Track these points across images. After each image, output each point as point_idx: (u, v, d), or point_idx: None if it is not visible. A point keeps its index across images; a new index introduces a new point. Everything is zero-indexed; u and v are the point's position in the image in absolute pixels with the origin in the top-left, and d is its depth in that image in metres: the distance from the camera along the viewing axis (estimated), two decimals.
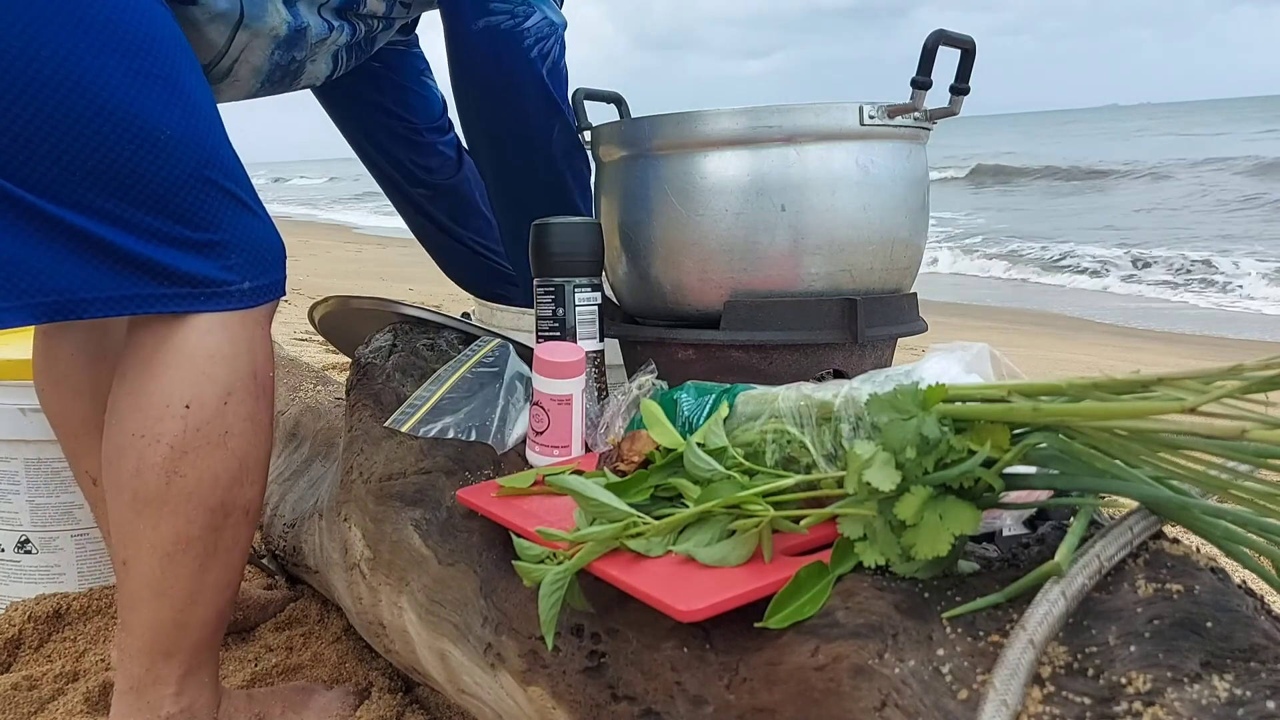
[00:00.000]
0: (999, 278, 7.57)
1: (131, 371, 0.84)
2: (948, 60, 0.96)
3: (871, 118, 0.97)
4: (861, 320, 0.98)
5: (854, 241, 0.99)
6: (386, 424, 0.95)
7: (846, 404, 0.66)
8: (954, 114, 1.00)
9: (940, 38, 0.92)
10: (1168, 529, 0.55)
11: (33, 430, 1.23)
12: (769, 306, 0.99)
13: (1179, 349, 4.44)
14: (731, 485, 0.64)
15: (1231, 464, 0.49)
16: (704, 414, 0.79)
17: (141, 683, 0.86)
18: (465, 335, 1.10)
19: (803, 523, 0.61)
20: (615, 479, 0.70)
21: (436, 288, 5.60)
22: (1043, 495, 0.60)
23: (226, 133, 0.86)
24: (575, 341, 1.00)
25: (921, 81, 0.94)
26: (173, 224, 0.80)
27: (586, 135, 1.16)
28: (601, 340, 1.04)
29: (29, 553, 1.28)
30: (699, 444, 0.69)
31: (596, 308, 1.02)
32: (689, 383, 0.85)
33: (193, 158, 0.81)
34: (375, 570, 0.89)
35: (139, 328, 0.84)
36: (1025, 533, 0.64)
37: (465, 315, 1.39)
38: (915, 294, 1.10)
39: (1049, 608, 0.49)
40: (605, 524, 0.64)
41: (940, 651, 0.50)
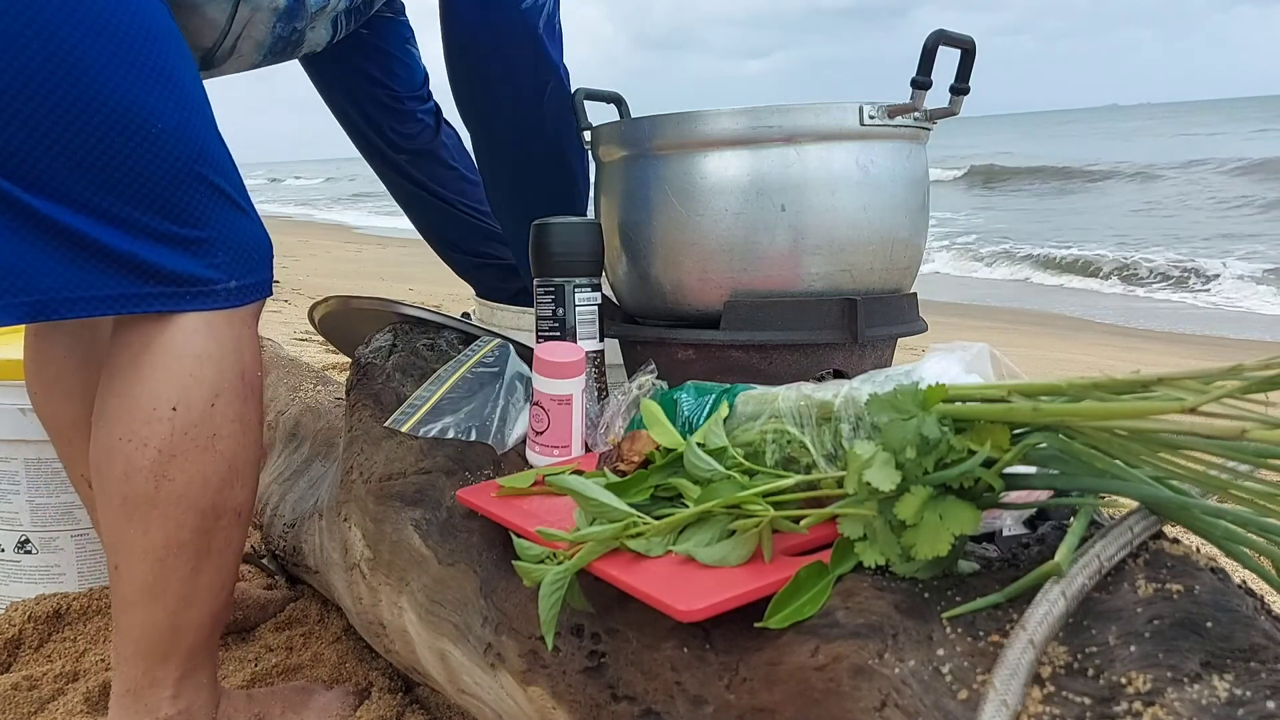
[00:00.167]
0: (994, 278, 7.56)
1: (117, 373, 0.83)
2: (948, 60, 0.96)
3: (871, 118, 0.97)
4: (861, 320, 0.98)
5: (854, 241, 0.99)
6: (386, 424, 0.95)
7: (846, 404, 0.66)
8: (954, 114, 1.00)
9: (940, 38, 0.92)
10: (1168, 529, 0.55)
11: (33, 430, 1.23)
12: (769, 306, 0.99)
13: (1179, 349, 4.44)
14: (731, 485, 0.64)
15: (1231, 464, 0.49)
16: (704, 414, 0.79)
17: (138, 685, 0.85)
18: (465, 335, 1.10)
19: (803, 523, 0.61)
20: (615, 479, 0.70)
21: (436, 288, 5.60)
22: (1043, 495, 0.60)
23: (218, 128, 0.85)
24: (575, 341, 1.00)
25: (921, 81, 0.94)
26: (160, 219, 0.79)
27: (586, 135, 1.16)
28: (601, 340, 1.04)
29: (29, 553, 1.28)
30: (699, 444, 0.69)
31: (596, 308, 1.02)
32: (689, 383, 0.85)
33: (184, 152, 0.80)
34: (375, 570, 0.89)
35: (124, 328, 0.83)
36: (1025, 533, 0.64)
37: (465, 315, 1.39)
38: (915, 294, 1.10)
39: (1049, 608, 0.49)
40: (605, 524, 0.64)
41: (940, 651, 0.50)
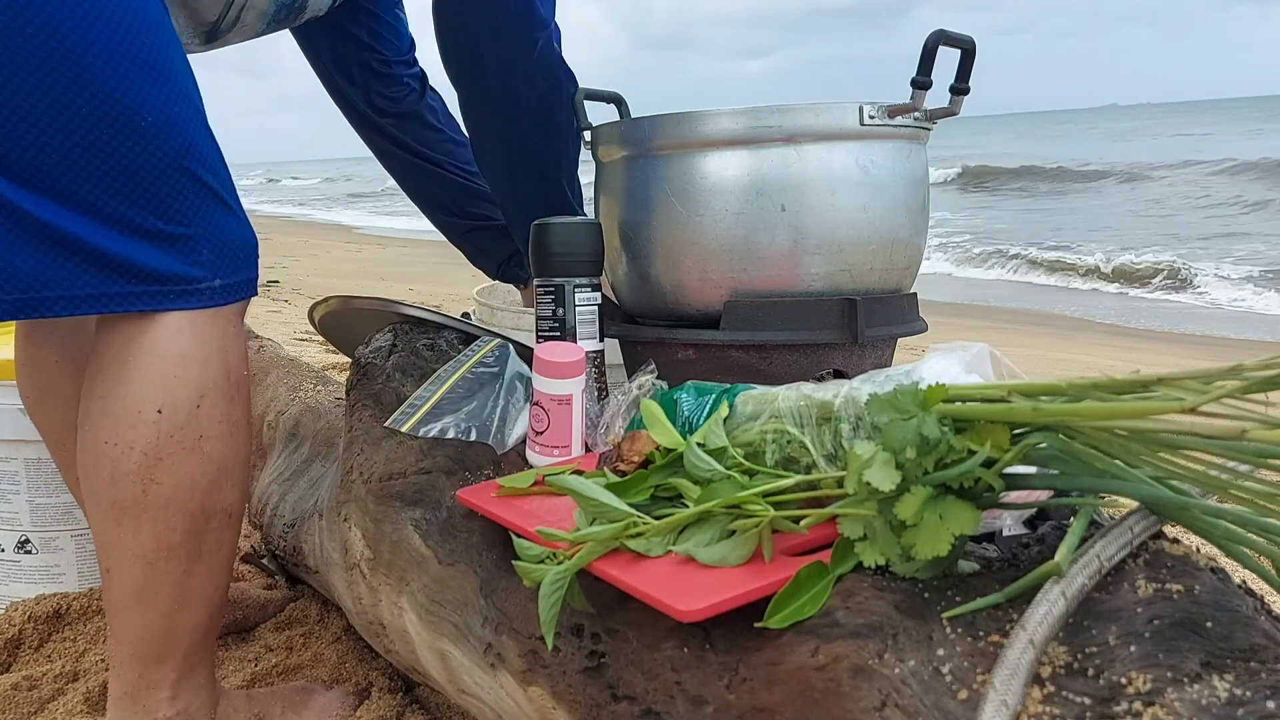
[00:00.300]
0: (989, 279, 7.56)
1: (101, 375, 0.81)
2: (948, 60, 0.96)
3: (871, 118, 0.98)
4: (861, 320, 0.98)
5: (854, 241, 0.99)
6: (386, 424, 0.95)
7: (846, 404, 0.66)
8: (954, 114, 1.00)
9: (940, 38, 0.92)
10: (1168, 529, 0.55)
11: (33, 430, 1.23)
12: (769, 306, 0.99)
13: (1179, 349, 4.44)
14: (731, 485, 0.64)
15: (1231, 464, 0.49)
16: (704, 414, 0.79)
17: (135, 687, 0.85)
18: (465, 335, 1.10)
19: (803, 523, 0.61)
20: (615, 479, 0.70)
21: (436, 288, 5.60)
22: (1043, 495, 0.60)
23: (209, 124, 0.84)
24: (575, 341, 1.00)
25: (921, 81, 0.94)
26: (145, 214, 0.77)
27: (586, 135, 1.16)
28: (601, 340, 1.04)
29: (29, 553, 1.28)
30: (699, 444, 0.69)
31: (596, 308, 1.02)
32: (689, 383, 0.85)
33: (172, 147, 0.78)
34: (375, 570, 0.89)
35: (107, 328, 0.82)
36: (1025, 533, 0.64)
37: (465, 315, 1.39)
38: (915, 294, 1.10)
39: (1049, 608, 0.49)
40: (605, 524, 0.63)
41: (940, 651, 0.50)
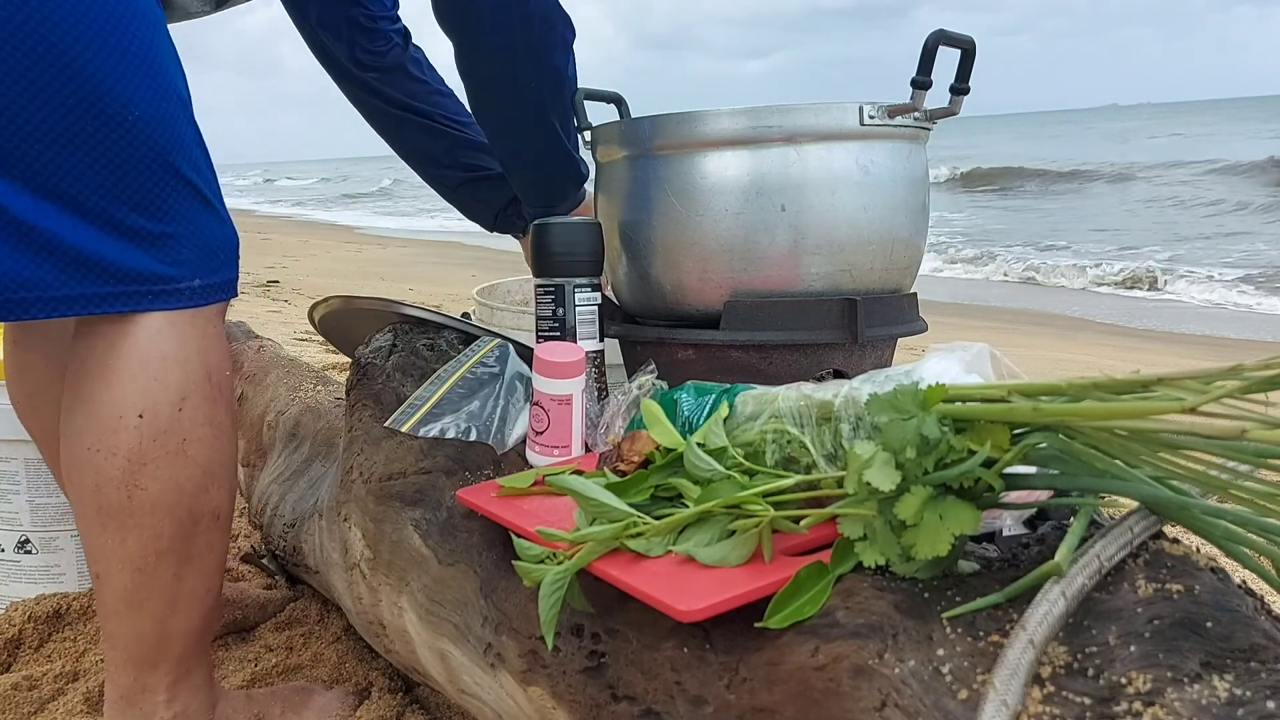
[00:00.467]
0: (984, 280, 7.56)
1: (81, 380, 0.80)
2: (948, 60, 0.96)
3: (871, 118, 0.97)
4: (861, 320, 0.98)
5: (854, 241, 0.99)
6: (386, 424, 0.95)
7: (846, 404, 0.66)
8: (954, 114, 1.00)
9: (940, 38, 0.92)
10: (1168, 529, 0.55)
11: None
12: (769, 306, 0.99)
13: (1179, 349, 4.44)
14: (731, 485, 0.64)
15: (1231, 464, 0.49)
16: (704, 414, 0.79)
17: (131, 691, 0.84)
18: (465, 335, 1.10)
19: (803, 523, 0.61)
20: (615, 479, 0.70)
21: (436, 288, 5.60)
22: (1043, 495, 0.60)
23: (196, 121, 0.83)
24: (575, 341, 1.00)
25: (921, 81, 0.94)
26: (126, 210, 0.76)
27: (586, 135, 1.16)
28: (601, 340, 1.04)
29: (29, 553, 1.28)
30: (699, 444, 0.69)
31: (596, 308, 1.02)
32: (689, 383, 0.85)
33: (158, 143, 0.77)
34: (375, 570, 0.89)
35: (85, 330, 0.80)
36: (1025, 533, 0.64)
37: (465, 315, 1.39)
38: (915, 294, 1.10)
39: (1049, 608, 0.49)
40: (605, 524, 0.63)
41: (940, 651, 0.50)
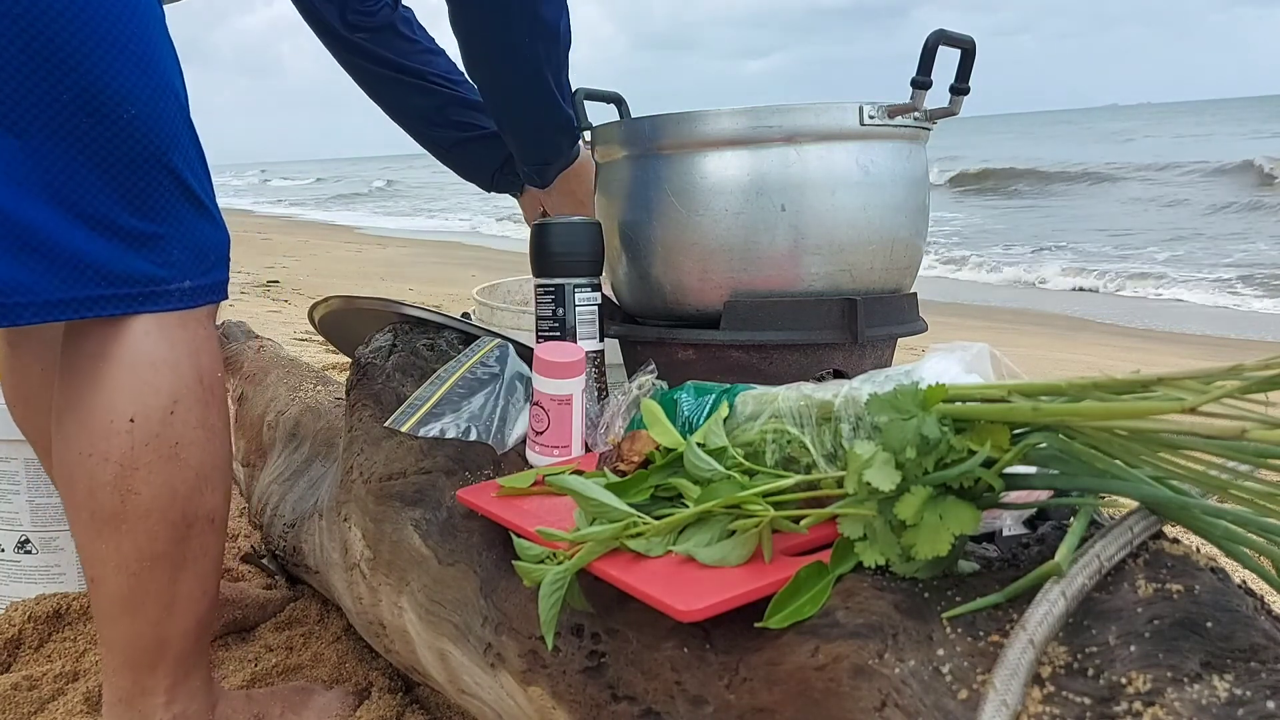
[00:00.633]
0: (981, 280, 7.57)
1: (71, 385, 0.79)
2: (948, 60, 0.96)
3: (871, 118, 0.97)
4: (861, 320, 0.98)
5: (854, 241, 0.99)
6: (386, 424, 0.95)
7: (846, 404, 0.66)
8: (954, 114, 1.00)
9: (940, 38, 0.92)
10: (1168, 529, 0.55)
11: None
12: (769, 306, 0.99)
13: (1179, 349, 4.44)
14: (731, 485, 0.64)
15: (1231, 464, 0.49)
16: (704, 414, 0.79)
17: (130, 694, 0.84)
18: (465, 335, 1.10)
19: (803, 523, 0.61)
20: (615, 479, 0.70)
21: (437, 288, 5.60)
22: (1043, 495, 0.60)
23: (193, 121, 0.82)
24: (575, 341, 1.00)
25: (921, 81, 0.94)
26: (118, 209, 0.75)
27: (586, 135, 1.16)
28: (601, 340, 1.04)
29: (29, 553, 1.28)
30: (699, 444, 0.69)
31: (596, 308, 1.02)
32: (689, 383, 0.85)
33: (153, 141, 0.76)
34: (375, 570, 0.89)
35: (75, 333, 0.80)
36: (1025, 533, 0.64)
37: (465, 315, 1.39)
38: (915, 294, 1.10)
39: (1049, 608, 0.49)
40: (605, 524, 0.63)
41: (940, 651, 0.50)
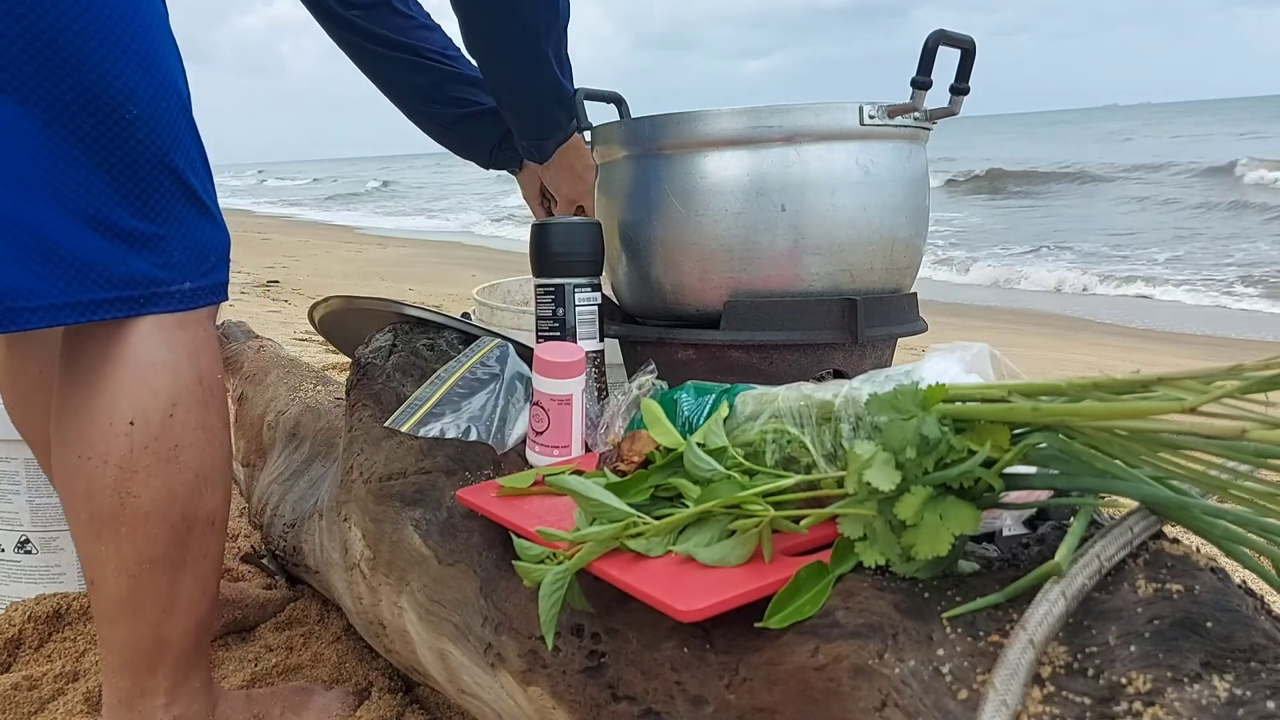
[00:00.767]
0: (977, 281, 7.57)
1: (71, 387, 0.79)
2: (948, 60, 0.96)
3: (871, 118, 0.97)
4: (861, 320, 0.98)
5: (854, 241, 0.99)
6: (386, 424, 0.95)
7: (846, 404, 0.66)
8: (954, 114, 1.00)
9: (940, 38, 0.92)
10: (1168, 529, 0.55)
11: None
12: (769, 306, 0.99)
13: (1179, 349, 4.44)
14: (731, 485, 0.64)
15: (1231, 464, 0.49)
16: (704, 414, 0.79)
17: (130, 695, 0.84)
18: (465, 335, 1.10)
19: (803, 523, 0.61)
20: (615, 479, 0.70)
21: (437, 288, 5.60)
22: (1043, 495, 0.60)
23: (195, 121, 0.82)
24: (575, 341, 1.00)
25: (921, 81, 0.94)
26: (120, 210, 0.75)
27: (587, 135, 1.16)
28: (601, 340, 1.04)
29: (29, 553, 1.28)
30: (699, 444, 0.69)
31: (596, 308, 1.02)
32: (689, 383, 0.85)
33: (156, 142, 0.76)
34: (375, 570, 0.89)
35: (74, 335, 0.79)
36: (1025, 533, 0.64)
37: (465, 315, 1.39)
38: (915, 294, 1.10)
39: (1049, 608, 0.49)
40: (605, 524, 0.63)
41: (940, 651, 0.50)
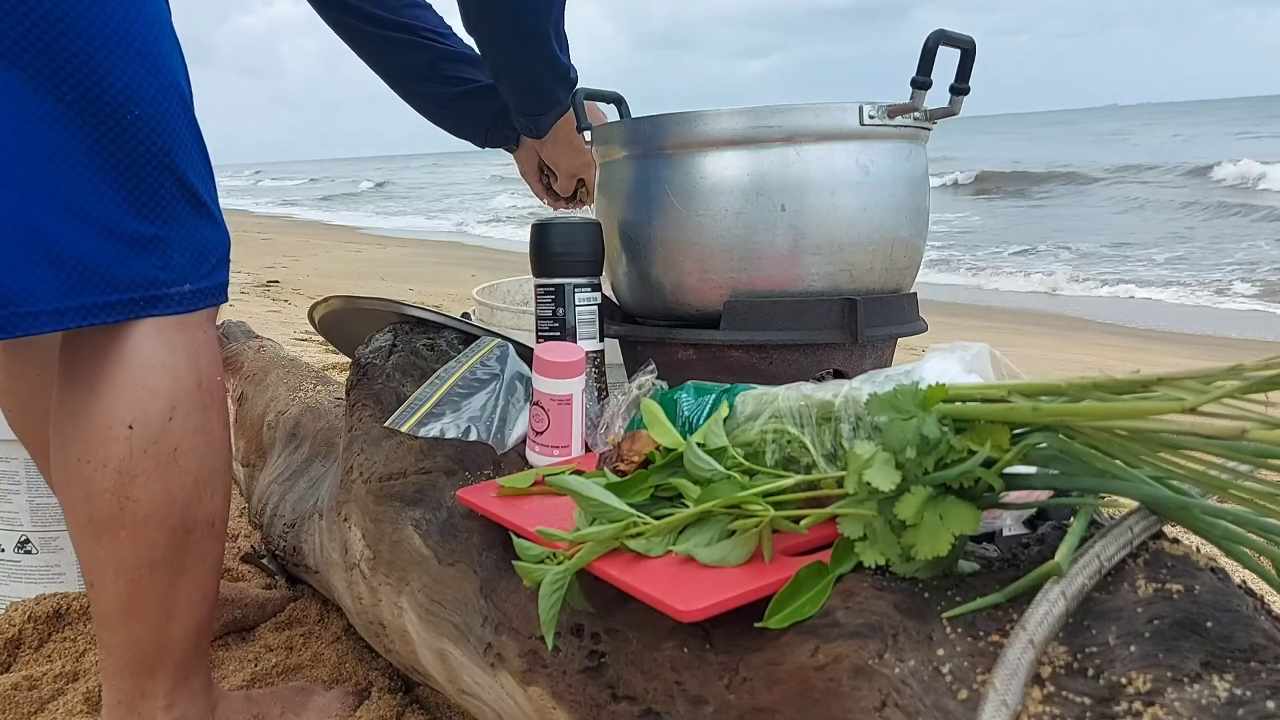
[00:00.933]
0: (978, 283, 7.56)
1: (69, 390, 0.79)
2: (948, 60, 0.96)
3: (871, 118, 0.97)
4: (861, 320, 0.98)
5: (854, 241, 0.99)
6: (386, 424, 0.95)
7: (846, 404, 0.66)
8: (954, 114, 1.00)
9: (940, 38, 0.92)
10: (1168, 529, 0.55)
11: None
12: (769, 306, 0.99)
13: (1179, 349, 4.44)
14: (731, 485, 0.64)
15: (1231, 464, 0.49)
16: (704, 414, 0.79)
17: (129, 697, 0.84)
18: (465, 335, 1.10)
19: (803, 523, 0.61)
20: (615, 479, 0.70)
21: (436, 288, 5.60)
22: (1043, 495, 0.60)
23: (198, 121, 0.81)
24: (575, 341, 1.00)
25: (921, 81, 0.94)
26: (121, 212, 0.74)
27: (587, 135, 1.16)
28: (601, 340, 1.04)
29: (29, 553, 1.28)
30: (699, 444, 0.69)
31: (596, 308, 1.02)
32: (689, 383, 0.85)
33: (157, 142, 0.75)
34: (375, 570, 0.89)
35: (74, 337, 0.78)
36: (1025, 533, 0.64)
37: (465, 315, 1.39)
38: (915, 294, 1.10)
39: (1049, 608, 0.49)
40: (605, 524, 0.63)
41: (940, 651, 0.50)
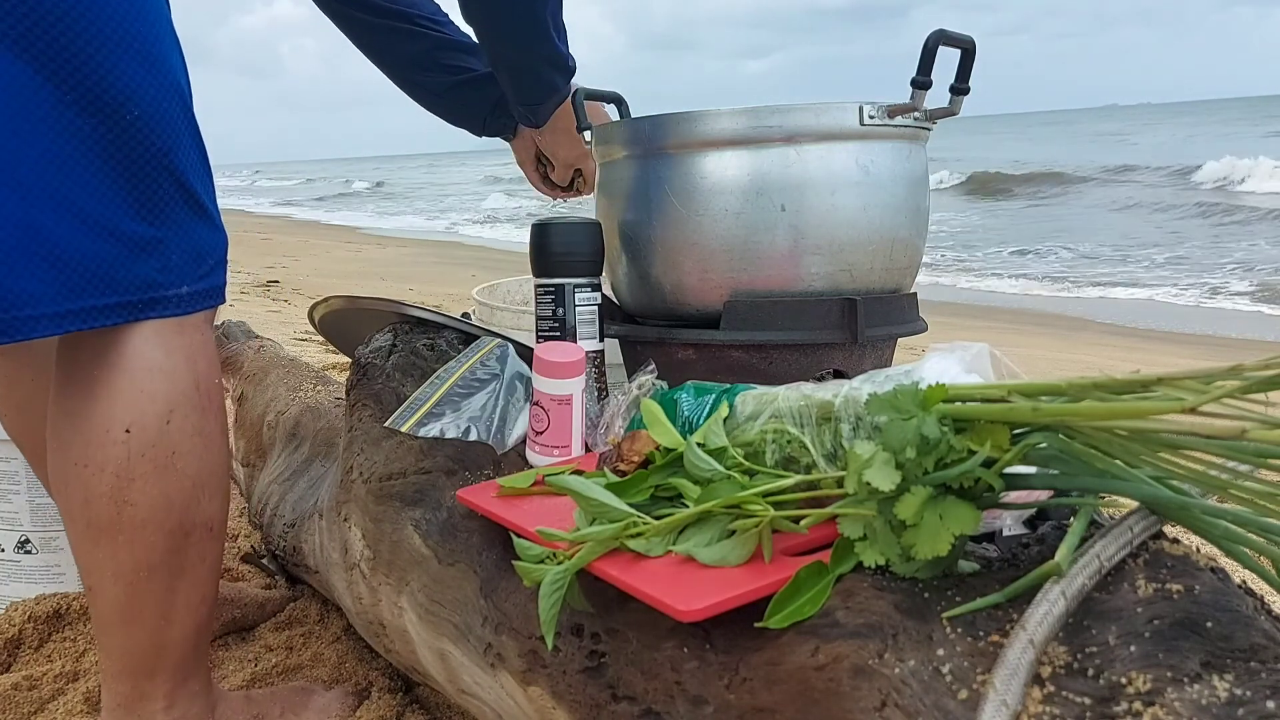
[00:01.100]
0: (977, 283, 7.56)
1: (67, 393, 0.79)
2: (948, 60, 0.96)
3: (871, 118, 0.97)
4: (861, 320, 0.98)
5: (854, 241, 0.99)
6: (386, 424, 0.95)
7: (846, 404, 0.66)
8: (954, 114, 1.00)
9: (940, 38, 0.92)
10: (1168, 529, 0.55)
11: None
12: (769, 306, 0.99)
13: (1179, 349, 4.44)
14: (731, 485, 0.64)
15: (1231, 464, 0.49)
16: (704, 414, 0.79)
17: (129, 699, 0.84)
18: (465, 335, 1.10)
19: (803, 523, 0.61)
20: (615, 479, 0.70)
21: (436, 288, 5.61)
22: (1043, 495, 0.60)
23: (197, 122, 0.81)
24: (575, 341, 1.00)
25: (921, 81, 0.94)
26: (120, 213, 0.74)
27: (587, 135, 1.16)
28: (601, 340, 1.04)
29: (29, 553, 1.28)
30: (699, 444, 0.69)
31: (596, 308, 1.02)
32: (689, 383, 0.85)
33: (157, 143, 0.75)
34: (375, 570, 0.89)
35: (71, 340, 0.78)
36: (1025, 533, 0.64)
37: (465, 315, 1.39)
38: (915, 294, 1.10)
39: (1049, 608, 0.49)
40: (605, 524, 0.63)
41: (940, 651, 0.50)
